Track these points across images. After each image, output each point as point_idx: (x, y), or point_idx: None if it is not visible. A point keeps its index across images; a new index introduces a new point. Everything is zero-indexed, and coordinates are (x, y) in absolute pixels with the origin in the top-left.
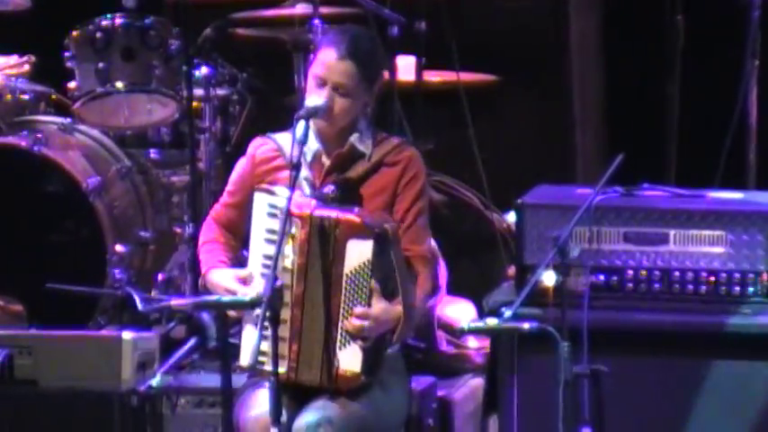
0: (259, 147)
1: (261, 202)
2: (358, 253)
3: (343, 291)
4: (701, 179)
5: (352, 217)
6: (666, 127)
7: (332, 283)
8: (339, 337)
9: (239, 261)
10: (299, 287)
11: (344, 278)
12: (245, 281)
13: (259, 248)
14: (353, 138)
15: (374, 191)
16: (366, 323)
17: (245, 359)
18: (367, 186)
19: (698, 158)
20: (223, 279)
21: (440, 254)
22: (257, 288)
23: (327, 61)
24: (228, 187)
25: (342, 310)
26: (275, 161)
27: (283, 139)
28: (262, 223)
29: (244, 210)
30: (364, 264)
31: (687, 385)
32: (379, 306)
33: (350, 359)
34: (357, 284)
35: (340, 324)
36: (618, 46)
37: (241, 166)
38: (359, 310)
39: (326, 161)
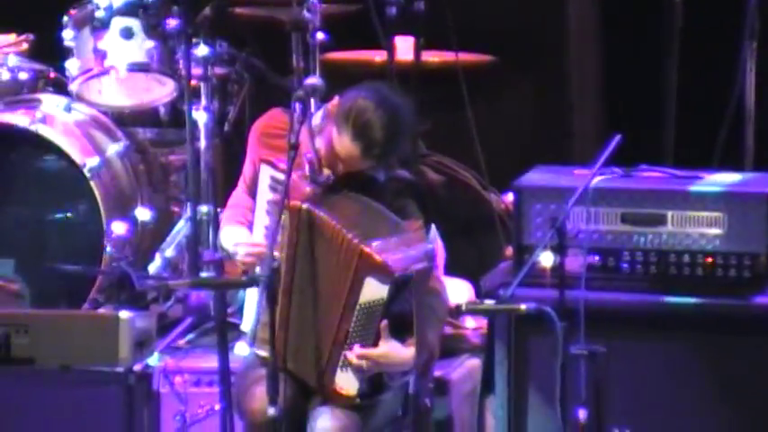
0: (272, 118)
1: (264, 174)
2: (373, 291)
3: (354, 319)
4: (699, 161)
5: (374, 254)
6: (664, 109)
7: (345, 307)
8: (342, 358)
9: None
10: (287, 276)
11: (357, 307)
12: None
13: (261, 220)
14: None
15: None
16: (364, 363)
17: (246, 326)
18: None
19: (696, 140)
20: (234, 234)
21: (437, 234)
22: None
23: (348, 154)
24: (247, 159)
25: (349, 336)
26: (281, 139)
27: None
28: (264, 195)
29: (257, 175)
30: (377, 302)
31: (683, 366)
32: (385, 347)
33: (347, 382)
34: (367, 318)
35: (344, 348)
36: (616, 27)
37: (252, 129)
38: (359, 351)
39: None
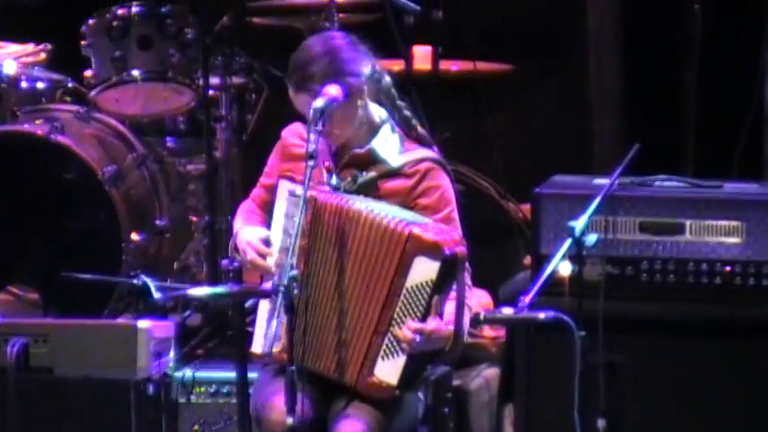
0: (290, 132)
1: (282, 188)
2: (423, 270)
3: (401, 303)
4: (718, 169)
5: (423, 234)
6: (683, 116)
7: (389, 293)
8: (384, 346)
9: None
10: (300, 269)
11: (404, 291)
12: (267, 243)
13: (277, 233)
14: (375, 142)
15: (385, 194)
16: (418, 338)
17: (257, 347)
18: (380, 187)
19: (714, 148)
20: (250, 234)
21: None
22: (273, 259)
23: (292, 98)
24: (265, 169)
25: (393, 321)
26: (300, 149)
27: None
28: (281, 207)
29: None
30: (427, 282)
31: (701, 376)
32: (433, 323)
33: (389, 371)
34: (416, 299)
35: (387, 334)
36: (635, 34)
37: (274, 149)
38: (414, 324)
39: (346, 158)
